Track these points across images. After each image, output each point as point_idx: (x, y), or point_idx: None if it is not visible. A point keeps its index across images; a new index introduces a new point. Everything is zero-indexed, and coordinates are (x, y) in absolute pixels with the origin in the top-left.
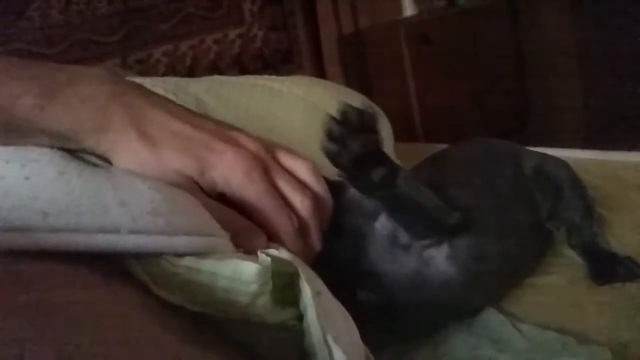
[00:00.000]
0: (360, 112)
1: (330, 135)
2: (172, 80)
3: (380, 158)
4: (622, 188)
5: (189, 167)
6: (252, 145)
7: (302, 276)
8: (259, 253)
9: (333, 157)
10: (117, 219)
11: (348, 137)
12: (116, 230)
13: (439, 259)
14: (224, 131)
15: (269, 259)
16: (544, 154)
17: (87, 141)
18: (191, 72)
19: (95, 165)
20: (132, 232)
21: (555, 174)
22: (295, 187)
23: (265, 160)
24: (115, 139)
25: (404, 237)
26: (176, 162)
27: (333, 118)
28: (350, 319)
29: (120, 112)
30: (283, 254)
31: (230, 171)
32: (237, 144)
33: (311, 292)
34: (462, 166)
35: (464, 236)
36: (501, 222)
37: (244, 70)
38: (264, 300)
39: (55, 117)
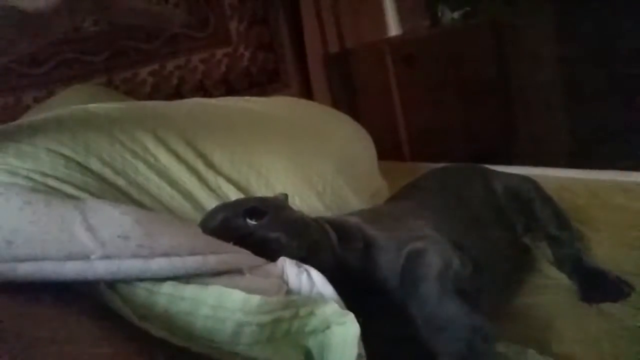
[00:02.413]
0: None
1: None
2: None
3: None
4: (604, 208)
5: None
6: None
7: (357, 338)
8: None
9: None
10: (85, 245)
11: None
12: (85, 257)
13: None
14: None
15: (257, 296)
16: (509, 173)
17: None
18: (178, 91)
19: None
20: (103, 257)
21: (523, 189)
22: None
23: None
24: None
25: None
26: None
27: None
28: None
29: None
30: (338, 309)
31: None
32: None
33: (357, 354)
34: (437, 192)
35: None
36: (481, 241)
37: (230, 89)
38: (251, 330)
39: None
